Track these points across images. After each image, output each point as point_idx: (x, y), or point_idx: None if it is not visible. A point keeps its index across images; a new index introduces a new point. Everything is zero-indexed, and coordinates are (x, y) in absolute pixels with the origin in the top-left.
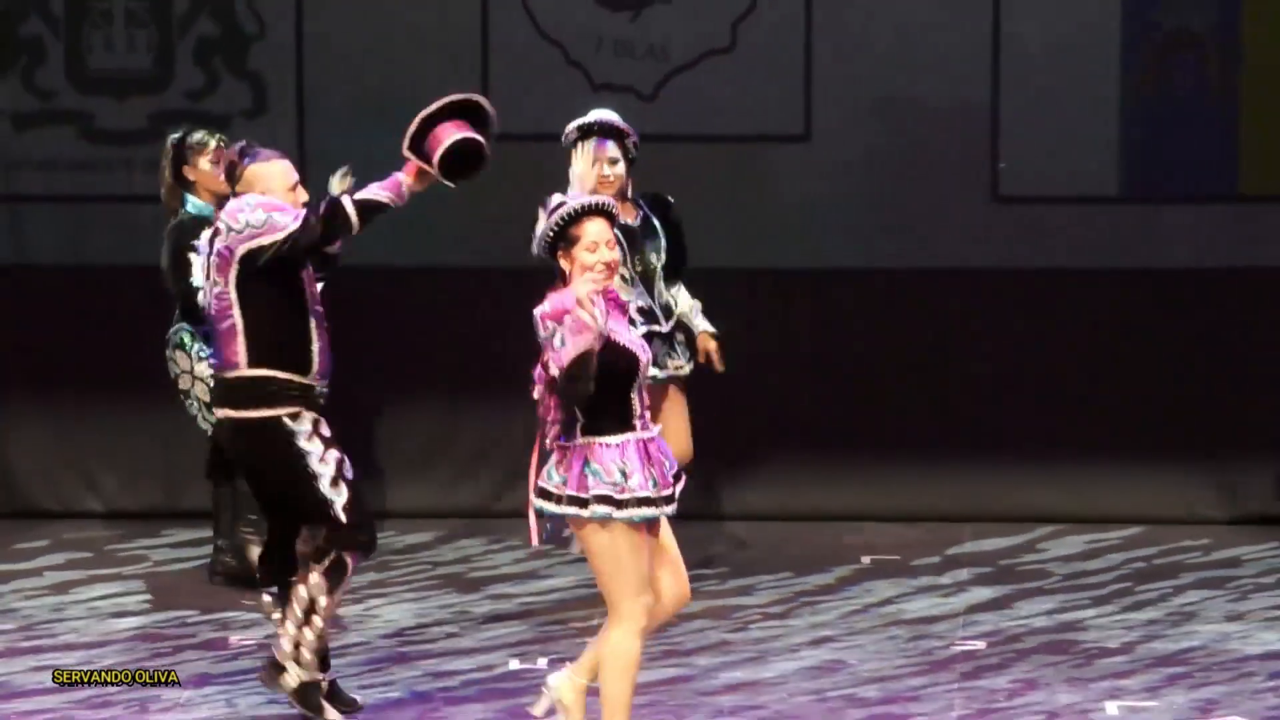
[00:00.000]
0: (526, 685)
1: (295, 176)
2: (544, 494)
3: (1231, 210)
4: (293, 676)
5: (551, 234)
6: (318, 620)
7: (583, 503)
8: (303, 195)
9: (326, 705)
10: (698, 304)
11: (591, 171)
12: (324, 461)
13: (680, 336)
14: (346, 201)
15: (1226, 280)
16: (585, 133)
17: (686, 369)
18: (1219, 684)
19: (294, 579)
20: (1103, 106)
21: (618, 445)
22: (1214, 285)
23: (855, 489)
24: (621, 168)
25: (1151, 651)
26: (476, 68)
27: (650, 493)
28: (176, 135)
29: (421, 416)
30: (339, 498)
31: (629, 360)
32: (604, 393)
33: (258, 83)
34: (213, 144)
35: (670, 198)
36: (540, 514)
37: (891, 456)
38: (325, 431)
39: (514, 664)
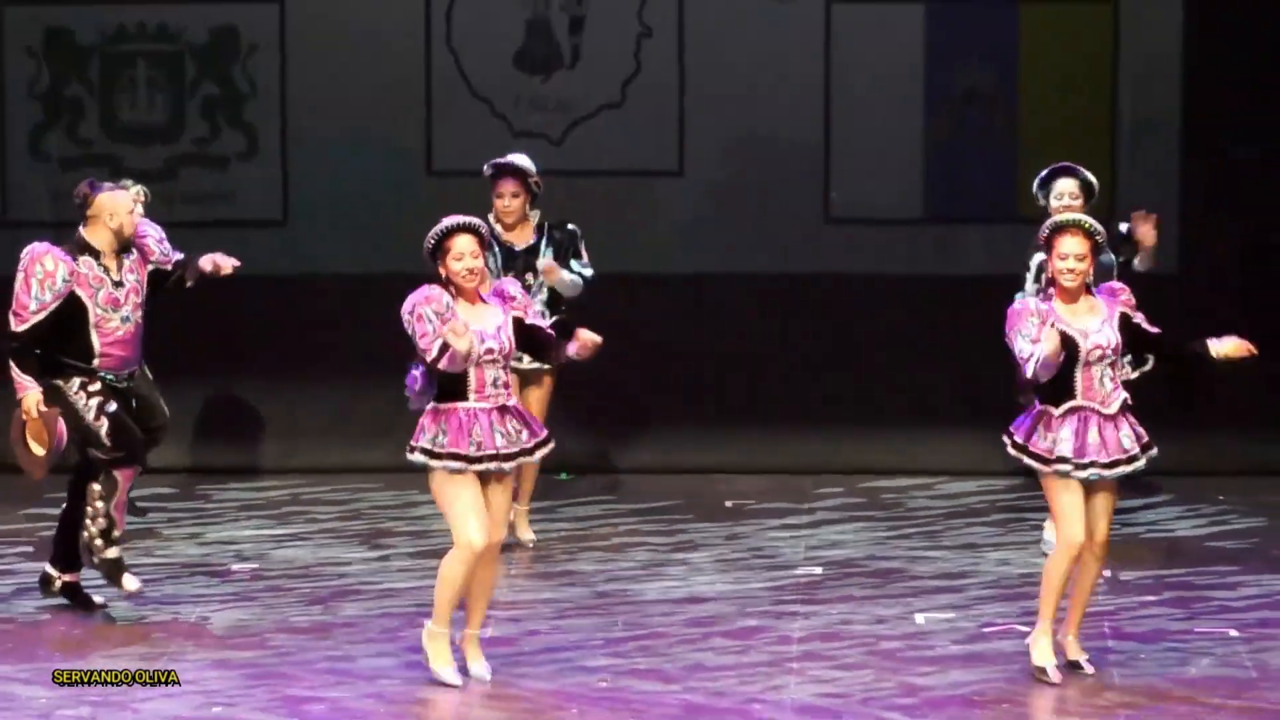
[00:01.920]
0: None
1: (131, 204)
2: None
3: (1012, 228)
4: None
5: (430, 246)
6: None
7: (410, 449)
8: (139, 216)
9: (126, 575)
10: (578, 281)
11: (494, 203)
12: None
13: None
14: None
15: (1006, 284)
16: (493, 171)
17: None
18: (996, 600)
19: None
20: (910, 147)
21: (445, 410)
22: (997, 288)
23: (721, 447)
24: (519, 200)
25: (944, 571)
26: (421, 117)
27: (464, 450)
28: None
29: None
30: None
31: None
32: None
33: (250, 131)
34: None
35: (570, 225)
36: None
37: (750, 420)
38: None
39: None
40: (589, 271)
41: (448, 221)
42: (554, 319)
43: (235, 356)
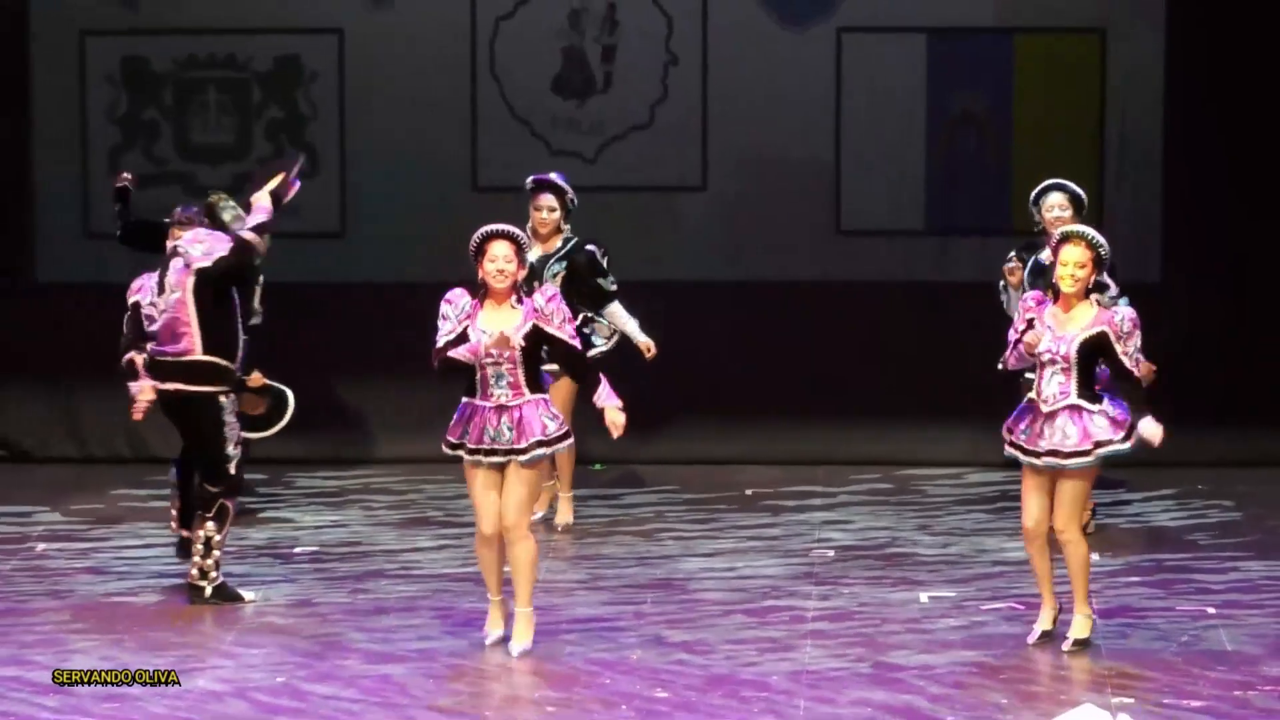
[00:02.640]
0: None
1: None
2: None
3: (1004, 240)
4: (209, 588)
5: (472, 247)
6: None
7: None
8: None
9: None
10: (633, 320)
11: (531, 214)
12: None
13: (591, 331)
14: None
15: (998, 291)
16: (534, 185)
17: (596, 353)
18: (995, 581)
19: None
20: (913, 165)
21: (461, 404)
22: (989, 294)
23: (741, 439)
24: (555, 215)
25: (946, 555)
26: (467, 138)
27: (455, 439)
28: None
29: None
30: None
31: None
32: (461, 370)
33: (312, 151)
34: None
35: (589, 245)
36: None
37: (766, 414)
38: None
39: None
40: (614, 286)
41: (489, 227)
42: (596, 350)
43: (297, 356)
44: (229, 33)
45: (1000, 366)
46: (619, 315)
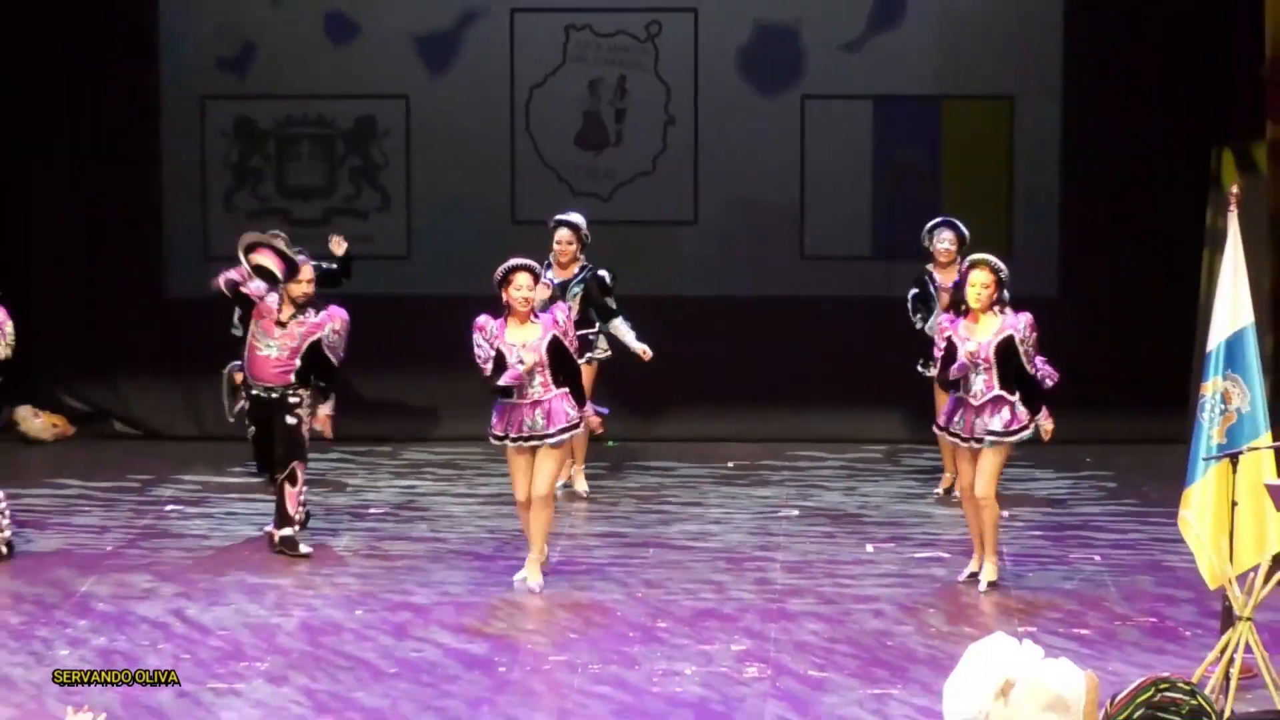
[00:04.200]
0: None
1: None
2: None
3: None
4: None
5: (498, 278)
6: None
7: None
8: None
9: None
10: (631, 332)
11: (554, 246)
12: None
13: (596, 339)
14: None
15: None
16: (555, 224)
17: (600, 358)
18: (929, 534)
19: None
20: (862, 203)
21: (501, 405)
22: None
23: (724, 422)
24: (572, 246)
25: (887, 515)
26: (507, 181)
27: (499, 431)
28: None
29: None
30: None
31: (504, 360)
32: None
33: (383, 191)
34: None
35: (600, 271)
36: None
37: (746, 401)
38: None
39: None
40: (614, 305)
41: (512, 262)
42: (600, 355)
43: (370, 354)
44: (319, 98)
45: (943, 377)
46: (620, 328)
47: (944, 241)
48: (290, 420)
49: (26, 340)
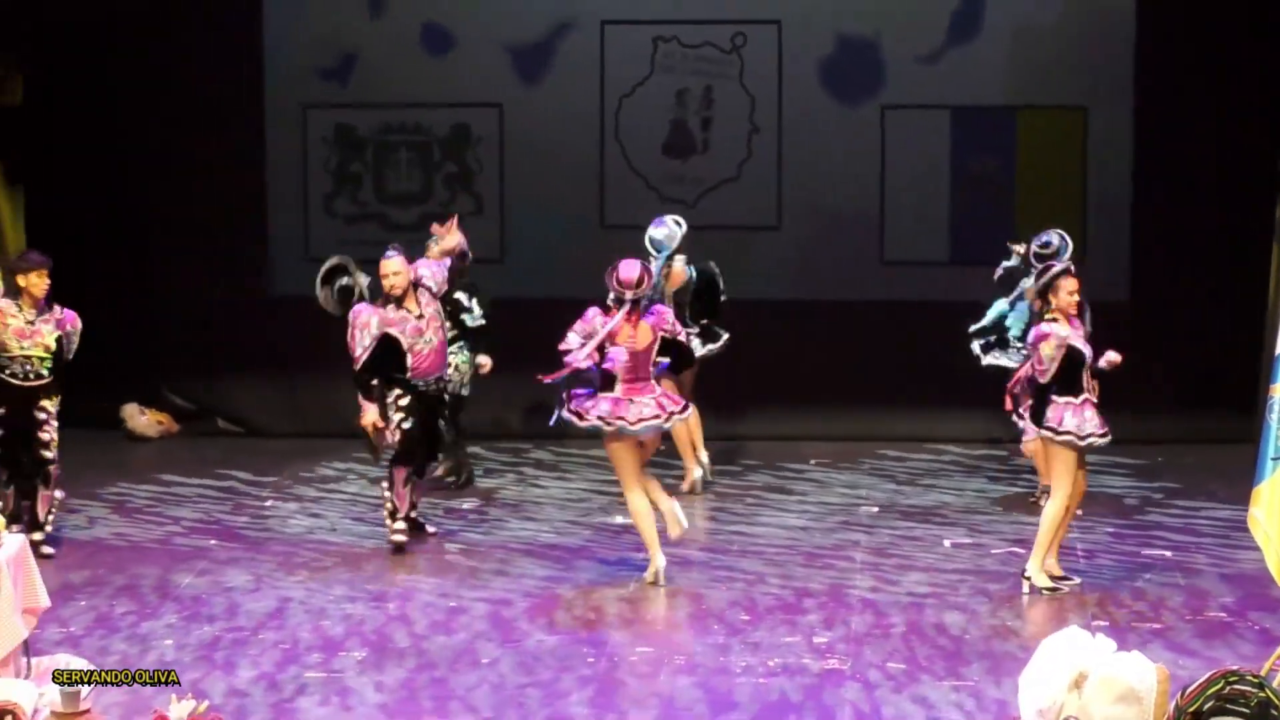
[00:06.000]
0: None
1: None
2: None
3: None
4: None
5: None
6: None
7: (581, 418)
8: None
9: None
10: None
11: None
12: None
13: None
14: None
15: None
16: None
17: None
18: (1003, 529)
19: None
20: (940, 210)
21: (607, 397)
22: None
23: (808, 421)
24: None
25: (963, 511)
26: (596, 188)
27: (623, 422)
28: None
29: None
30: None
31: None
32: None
33: (478, 197)
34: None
35: (712, 265)
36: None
37: (827, 402)
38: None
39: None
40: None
41: (627, 262)
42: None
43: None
44: (416, 106)
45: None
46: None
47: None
48: None
49: (139, 340)
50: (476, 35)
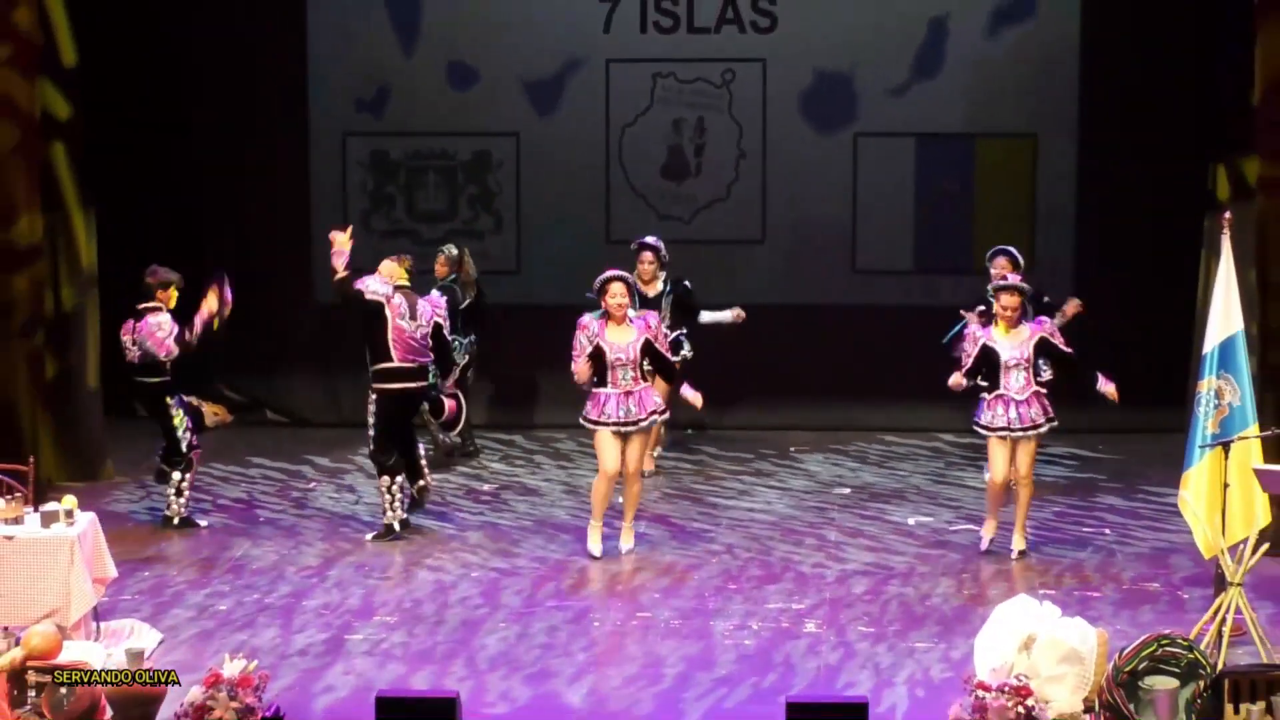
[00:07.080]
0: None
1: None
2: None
3: (970, 279)
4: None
5: (596, 286)
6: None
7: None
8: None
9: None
10: (718, 312)
11: (638, 267)
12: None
13: (683, 342)
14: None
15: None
16: (637, 247)
17: (687, 357)
18: (962, 508)
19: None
20: (907, 226)
21: (597, 394)
22: (959, 316)
23: (788, 412)
24: (652, 266)
25: (927, 491)
26: (602, 206)
27: (613, 418)
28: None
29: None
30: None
31: (603, 355)
32: (598, 369)
33: (497, 216)
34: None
35: (684, 282)
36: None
37: (805, 395)
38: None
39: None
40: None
41: (608, 273)
42: (681, 356)
43: (487, 354)
44: (442, 134)
45: (970, 382)
46: (710, 316)
47: (996, 266)
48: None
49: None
50: (496, 72)
